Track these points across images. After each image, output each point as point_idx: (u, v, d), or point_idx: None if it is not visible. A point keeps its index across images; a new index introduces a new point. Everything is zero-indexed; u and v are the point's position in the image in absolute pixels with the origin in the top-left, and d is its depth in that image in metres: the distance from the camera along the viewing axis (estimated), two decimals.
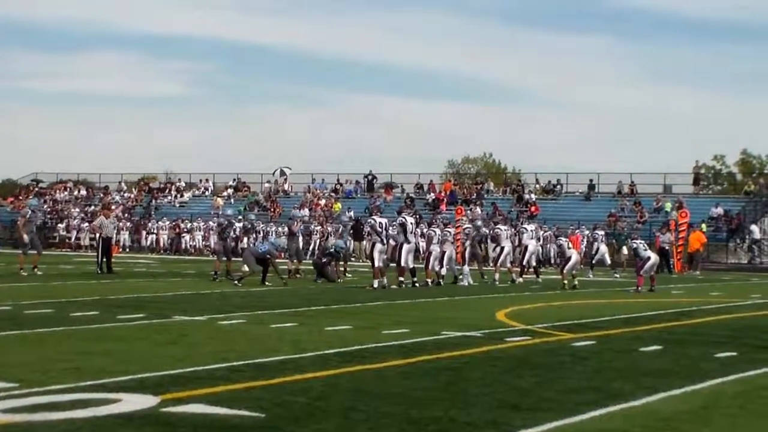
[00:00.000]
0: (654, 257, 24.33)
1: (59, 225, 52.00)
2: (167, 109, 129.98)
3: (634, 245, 24.55)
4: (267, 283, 23.08)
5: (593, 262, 32.37)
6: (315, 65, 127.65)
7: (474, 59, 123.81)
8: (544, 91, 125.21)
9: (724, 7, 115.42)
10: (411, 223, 24.49)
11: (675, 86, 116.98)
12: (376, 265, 22.81)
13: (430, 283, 24.16)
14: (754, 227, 42.42)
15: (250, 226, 27.85)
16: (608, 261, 32.81)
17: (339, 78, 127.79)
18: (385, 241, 23.37)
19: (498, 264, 26.67)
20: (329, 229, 39.25)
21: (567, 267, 24.72)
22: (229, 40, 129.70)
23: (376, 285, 22.44)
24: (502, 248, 26.82)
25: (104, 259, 27.13)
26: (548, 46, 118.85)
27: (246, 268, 23.57)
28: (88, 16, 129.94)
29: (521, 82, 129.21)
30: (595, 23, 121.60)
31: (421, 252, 28.13)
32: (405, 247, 23.63)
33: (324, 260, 25.79)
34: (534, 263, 28.22)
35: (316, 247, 38.10)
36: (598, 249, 32.49)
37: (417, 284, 23.61)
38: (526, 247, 27.43)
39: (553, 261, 27.49)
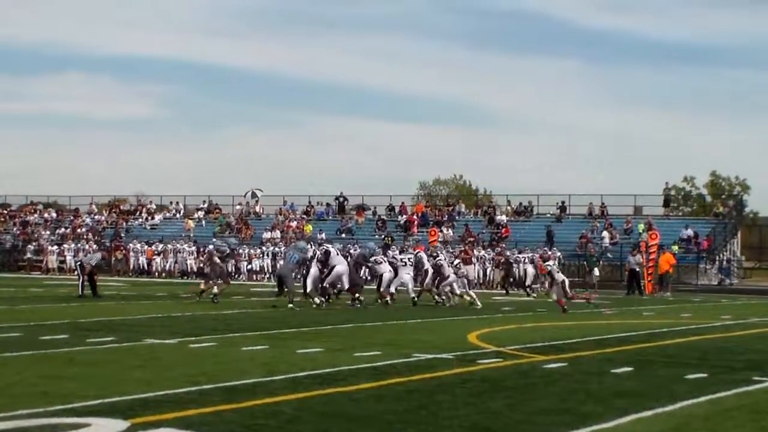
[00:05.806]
0: (562, 278, 24.34)
1: (29, 247, 51.52)
2: (137, 131, 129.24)
3: (549, 267, 24.79)
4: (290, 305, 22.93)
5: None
6: (286, 87, 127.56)
7: (444, 81, 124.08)
8: (516, 114, 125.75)
9: (694, 32, 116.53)
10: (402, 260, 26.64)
11: (645, 108, 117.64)
12: (308, 289, 23.76)
13: (389, 302, 24.83)
14: None
15: (229, 251, 27.13)
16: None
17: (310, 100, 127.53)
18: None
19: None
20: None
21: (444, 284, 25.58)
22: (199, 62, 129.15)
23: (318, 302, 23.37)
24: (447, 276, 26.83)
25: (86, 283, 27.00)
26: (520, 69, 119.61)
27: (288, 285, 23.69)
28: (55, 39, 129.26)
29: (492, 104, 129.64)
30: (565, 47, 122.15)
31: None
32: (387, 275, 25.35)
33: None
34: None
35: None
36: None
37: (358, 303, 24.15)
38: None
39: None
